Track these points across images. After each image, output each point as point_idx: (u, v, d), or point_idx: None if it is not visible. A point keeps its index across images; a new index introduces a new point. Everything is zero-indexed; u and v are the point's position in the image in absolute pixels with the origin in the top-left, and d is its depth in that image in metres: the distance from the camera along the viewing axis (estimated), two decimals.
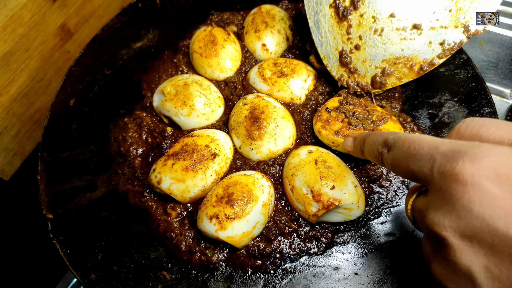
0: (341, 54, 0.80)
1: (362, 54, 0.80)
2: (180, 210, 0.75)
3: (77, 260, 0.67)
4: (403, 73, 0.79)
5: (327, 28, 0.80)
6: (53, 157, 0.78)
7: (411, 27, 0.77)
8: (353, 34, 0.79)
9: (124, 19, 0.98)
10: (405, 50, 0.79)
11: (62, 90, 0.85)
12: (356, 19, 0.79)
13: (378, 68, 0.80)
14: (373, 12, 0.78)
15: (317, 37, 0.81)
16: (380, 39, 0.79)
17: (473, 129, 0.41)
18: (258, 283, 0.67)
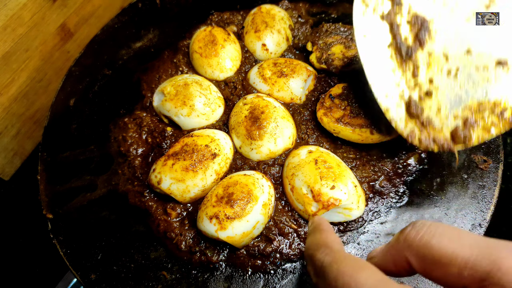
0: (408, 104, 0.64)
1: (436, 102, 0.63)
2: (180, 210, 0.75)
3: (77, 260, 0.67)
4: (492, 123, 0.61)
5: (388, 73, 0.64)
6: (53, 157, 0.79)
7: (494, 64, 0.61)
8: (421, 78, 0.63)
9: (124, 19, 0.98)
10: (490, 93, 0.61)
11: (62, 90, 0.85)
12: (423, 59, 0.63)
13: (458, 118, 0.62)
14: (444, 48, 0.62)
15: (376, 86, 0.65)
16: (457, 82, 0.62)
17: (423, 238, 0.36)
18: (258, 283, 0.67)
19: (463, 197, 0.70)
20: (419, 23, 0.63)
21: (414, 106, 0.64)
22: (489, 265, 0.31)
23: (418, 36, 0.64)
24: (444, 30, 0.63)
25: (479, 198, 0.69)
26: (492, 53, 0.61)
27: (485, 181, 0.70)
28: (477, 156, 0.73)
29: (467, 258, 0.33)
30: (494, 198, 0.68)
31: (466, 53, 0.62)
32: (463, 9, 0.62)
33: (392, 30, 0.64)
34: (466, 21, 0.62)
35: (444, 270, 0.34)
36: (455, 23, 0.62)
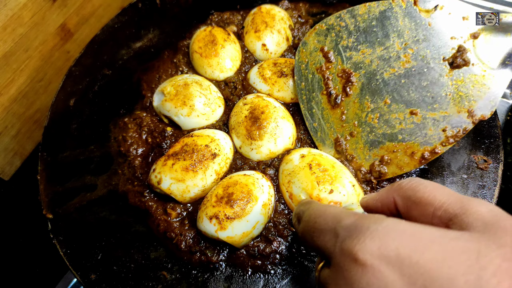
0: (336, 141, 0.77)
1: (359, 141, 0.75)
2: (180, 210, 0.75)
3: (77, 260, 0.67)
4: (404, 162, 0.72)
5: (321, 115, 0.78)
6: (53, 157, 0.79)
7: (408, 113, 0.71)
8: (347, 121, 0.76)
9: (124, 19, 0.98)
10: (404, 137, 0.72)
11: (62, 90, 0.85)
12: (349, 106, 0.76)
13: (377, 155, 0.74)
14: (367, 98, 0.74)
15: (311, 124, 0.79)
16: (377, 126, 0.74)
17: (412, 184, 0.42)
18: (258, 283, 0.67)
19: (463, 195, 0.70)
20: (345, 76, 0.76)
21: (339, 144, 0.76)
22: (458, 209, 0.37)
23: (344, 88, 0.76)
24: (367, 83, 0.75)
25: (479, 198, 0.69)
26: (406, 104, 0.72)
27: (485, 181, 0.70)
28: (477, 156, 0.73)
29: (443, 202, 0.38)
30: (494, 198, 0.68)
31: (385, 103, 0.73)
32: (384, 66, 0.73)
33: (325, 81, 0.78)
34: (386, 75, 0.73)
35: (422, 209, 0.40)
36: (377, 77, 0.74)
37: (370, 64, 0.74)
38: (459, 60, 0.67)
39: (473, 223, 0.35)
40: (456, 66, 0.68)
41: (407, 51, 0.72)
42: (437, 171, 0.75)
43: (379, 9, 0.73)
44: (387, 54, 0.73)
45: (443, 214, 0.38)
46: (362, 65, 0.75)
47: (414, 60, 0.71)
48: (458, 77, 0.68)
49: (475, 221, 0.35)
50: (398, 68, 0.72)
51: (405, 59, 0.72)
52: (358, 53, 0.75)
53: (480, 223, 0.35)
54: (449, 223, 0.37)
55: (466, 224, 0.35)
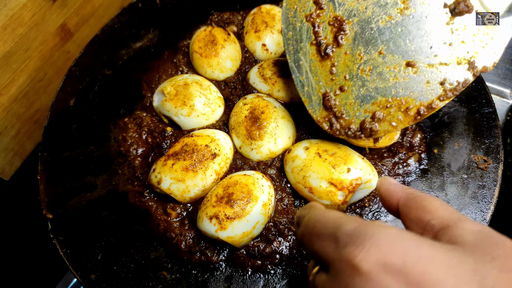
0: (324, 96, 0.70)
1: (349, 96, 0.69)
2: (180, 210, 0.75)
3: (77, 260, 0.67)
4: (397, 119, 0.67)
5: (309, 68, 0.71)
6: (53, 157, 0.79)
7: (404, 65, 0.66)
8: (337, 74, 0.69)
9: (124, 19, 0.98)
10: (398, 92, 0.66)
11: (62, 90, 0.85)
12: (340, 57, 0.69)
13: (368, 112, 0.68)
14: (359, 49, 0.68)
15: (298, 78, 0.72)
16: (369, 79, 0.67)
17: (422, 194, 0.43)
18: (258, 283, 0.67)
19: (463, 197, 0.70)
20: (337, 25, 0.69)
21: (328, 99, 0.70)
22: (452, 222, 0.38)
23: (336, 37, 0.69)
24: (361, 32, 0.68)
25: (479, 198, 0.69)
26: (402, 55, 0.66)
27: (485, 181, 0.70)
28: (477, 156, 0.73)
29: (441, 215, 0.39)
30: (494, 198, 0.68)
31: (379, 54, 0.67)
32: (380, 13, 0.67)
33: (314, 30, 0.71)
34: (381, 23, 0.67)
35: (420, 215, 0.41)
36: (371, 26, 0.68)
37: (364, 11, 0.67)
38: (461, 6, 0.62)
39: (464, 236, 0.36)
40: (458, 13, 0.63)
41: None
42: (437, 171, 0.75)
43: None
44: (384, 0, 0.67)
45: (437, 223, 0.39)
46: (356, 12, 0.68)
47: (413, 6, 0.65)
48: (460, 26, 0.63)
49: (466, 234, 0.36)
50: (395, 15, 0.66)
51: (403, 5, 0.65)
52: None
53: (472, 237, 0.35)
54: (439, 233, 0.38)
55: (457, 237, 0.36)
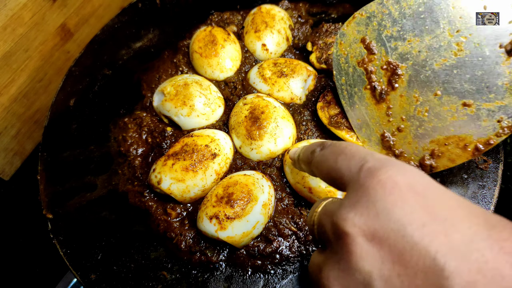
0: (383, 137, 0.72)
1: (408, 136, 0.70)
2: (180, 210, 0.75)
3: (77, 260, 0.67)
4: (456, 154, 0.68)
5: (365, 111, 0.73)
6: (53, 157, 0.78)
7: (461, 105, 0.66)
8: (394, 116, 0.71)
9: (124, 19, 0.98)
10: (456, 130, 0.67)
11: (62, 90, 0.85)
12: (396, 100, 0.70)
13: (427, 149, 0.69)
14: (415, 91, 0.69)
15: (354, 120, 0.75)
16: (426, 119, 0.69)
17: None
18: (258, 283, 0.67)
19: (463, 197, 0.70)
20: (391, 69, 0.70)
21: (387, 140, 0.72)
22: None
23: (390, 81, 0.70)
24: (415, 75, 0.68)
25: (479, 198, 0.69)
26: (458, 97, 0.66)
27: (485, 181, 0.70)
28: None
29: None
30: (494, 198, 0.68)
31: (435, 95, 0.67)
32: (434, 56, 0.67)
33: (367, 75, 0.72)
34: (436, 66, 0.67)
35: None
36: (426, 69, 0.68)
37: (418, 54, 0.68)
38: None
39: None
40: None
41: (460, 38, 0.65)
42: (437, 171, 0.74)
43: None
44: (437, 43, 0.67)
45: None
46: (409, 55, 0.69)
47: (467, 48, 0.65)
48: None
49: None
50: (449, 57, 0.66)
51: (457, 47, 0.65)
52: (404, 42, 0.69)
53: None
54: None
55: None
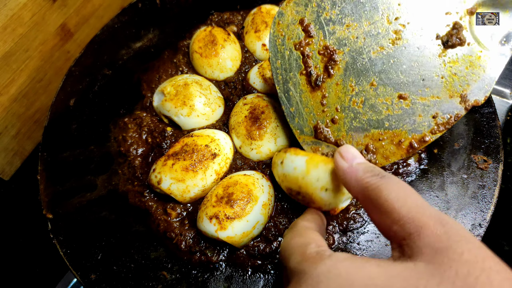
0: (316, 129, 0.68)
1: (341, 128, 0.67)
2: (180, 210, 0.75)
3: (77, 260, 0.67)
4: (390, 151, 0.65)
5: (299, 99, 0.69)
6: (53, 157, 0.78)
7: (396, 98, 0.65)
8: (329, 106, 0.67)
9: (124, 19, 0.98)
10: (391, 124, 0.65)
11: (62, 90, 0.85)
12: (331, 88, 0.67)
13: (361, 144, 0.67)
14: (351, 80, 0.66)
15: (288, 109, 0.69)
16: (361, 111, 0.66)
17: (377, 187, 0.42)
18: (258, 283, 0.67)
19: (463, 197, 0.70)
20: (328, 54, 0.67)
21: (320, 132, 0.68)
22: (413, 228, 0.36)
23: (326, 67, 0.67)
24: (352, 62, 0.66)
25: (479, 198, 0.69)
26: (394, 88, 0.65)
27: (485, 181, 0.70)
28: (477, 156, 0.73)
29: (401, 217, 0.37)
30: (494, 198, 0.68)
31: (371, 85, 0.66)
32: (371, 44, 0.66)
33: (304, 59, 0.68)
34: (373, 54, 0.65)
35: (381, 218, 0.39)
36: (363, 57, 0.66)
37: (356, 40, 0.66)
38: (454, 39, 0.63)
39: (422, 249, 0.34)
40: (450, 46, 0.63)
41: (398, 26, 0.64)
42: (437, 171, 0.75)
43: None
44: (375, 30, 0.65)
45: (399, 230, 0.37)
46: (347, 41, 0.66)
47: (405, 37, 0.64)
48: (452, 58, 0.64)
49: (425, 246, 0.34)
50: (387, 46, 0.65)
51: (395, 35, 0.65)
52: (342, 27, 0.66)
53: (430, 249, 0.34)
54: (402, 242, 0.37)
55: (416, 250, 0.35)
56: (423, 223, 0.36)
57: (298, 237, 0.43)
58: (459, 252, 0.33)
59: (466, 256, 0.32)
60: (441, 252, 0.33)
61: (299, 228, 0.46)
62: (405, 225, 0.36)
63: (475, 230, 0.66)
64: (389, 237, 0.39)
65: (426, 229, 0.35)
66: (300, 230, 0.45)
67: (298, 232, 0.45)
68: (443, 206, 0.70)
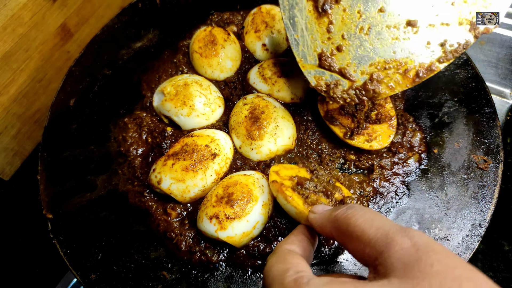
0: (320, 57, 0.67)
1: (346, 57, 0.65)
2: (180, 210, 0.75)
3: (77, 260, 0.67)
4: (396, 81, 0.64)
5: (304, 25, 0.67)
6: (53, 157, 0.79)
7: (405, 24, 0.63)
8: (334, 33, 0.65)
9: (124, 19, 0.98)
10: (397, 52, 0.64)
11: (62, 90, 0.85)
12: (338, 15, 0.65)
13: (365, 73, 0.65)
14: (359, 6, 0.64)
15: (292, 36, 0.68)
16: (367, 39, 0.64)
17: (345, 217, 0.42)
18: (258, 283, 0.67)
19: (463, 197, 0.70)
20: None
21: (325, 59, 0.66)
22: (383, 246, 0.37)
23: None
24: None
25: (479, 198, 0.69)
26: (403, 13, 0.63)
27: (485, 181, 0.70)
28: (477, 156, 0.73)
29: (371, 238, 0.38)
30: (494, 198, 0.68)
31: (379, 11, 0.64)
32: None
33: None
34: None
35: (354, 245, 0.40)
36: None
37: None
38: None
39: (394, 265, 0.35)
40: None
41: None
42: (437, 171, 0.75)
43: None
44: None
45: (371, 252, 0.38)
46: None
47: None
48: None
49: (396, 262, 0.35)
50: None
51: None
52: None
53: (401, 264, 0.35)
54: (376, 262, 0.38)
55: (389, 266, 0.36)
56: (391, 239, 0.37)
57: (278, 264, 0.43)
58: (429, 263, 0.34)
59: (436, 267, 0.33)
60: (412, 266, 0.34)
61: (281, 253, 0.46)
62: (375, 245, 0.38)
63: (475, 230, 0.66)
64: (365, 262, 0.40)
65: (394, 245, 0.36)
66: (281, 255, 0.45)
67: (279, 257, 0.45)
68: (443, 206, 0.70)
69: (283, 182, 0.65)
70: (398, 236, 0.37)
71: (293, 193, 0.61)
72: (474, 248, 0.64)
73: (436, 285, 0.32)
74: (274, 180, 0.64)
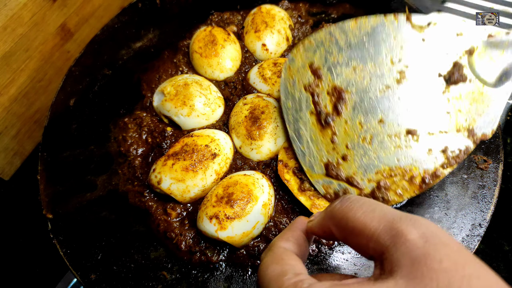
0: (327, 167, 0.69)
1: (352, 166, 0.68)
2: (180, 210, 0.75)
3: (77, 260, 0.67)
4: (403, 187, 0.66)
5: (309, 137, 0.71)
6: (53, 157, 0.78)
7: (405, 133, 0.67)
8: (339, 143, 0.69)
9: (124, 19, 0.98)
10: (401, 160, 0.66)
11: (62, 90, 0.85)
12: (341, 126, 0.69)
13: (372, 181, 0.67)
14: (359, 117, 0.68)
15: (299, 148, 0.71)
16: (371, 148, 0.67)
17: (343, 211, 0.39)
18: None
19: (463, 197, 0.70)
20: (337, 94, 0.70)
21: (332, 169, 0.69)
22: (388, 239, 0.34)
23: (335, 106, 0.70)
24: (359, 101, 0.69)
25: (479, 198, 0.69)
26: (402, 123, 0.67)
27: (485, 181, 0.70)
28: (477, 156, 0.73)
29: (374, 230, 0.35)
30: (494, 198, 0.68)
31: (379, 121, 0.68)
32: (377, 83, 0.69)
33: (313, 100, 0.71)
34: (379, 93, 0.68)
35: (357, 241, 0.37)
36: (370, 95, 0.69)
37: (362, 81, 0.70)
38: (456, 75, 0.66)
39: (401, 260, 0.33)
40: (453, 82, 0.66)
41: (402, 67, 0.68)
42: None
43: (371, 24, 0.69)
44: (380, 71, 0.69)
45: (376, 247, 0.35)
46: (354, 82, 0.70)
47: (409, 76, 0.68)
48: (455, 94, 0.66)
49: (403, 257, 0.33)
50: (392, 85, 0.68)
51: (399, 75, 0.68)
52: (349, 69, 0.70)
53: (408, 259, 0.32)
54: (382, 257, 0.35)
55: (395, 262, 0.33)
56: (395, 231, 0.34)
57: (274, 264, 0.40)
58: (438, 259, 0.32)
59: (445, 264, 0.31)
60: (419, 261, 0.32)
61: (276, 251, 0.43)
62: (379, 238, 0.35)
63: (475, 230, 0.66)
64: (371, 258, 0.37)
65: (400, 237, 0.34)
66: (277, 255, 0.42)
67: (275, 257, 0.42)
68: (443, 206, 0.70)
69: (287, 163, 0.69)
70: (404, 225, 0.34)
71: (291, 177, 0.62)
72: (474, 248, 0.64)
73: (444, 284, 0.30)
74: (280, 159, 0.69)
